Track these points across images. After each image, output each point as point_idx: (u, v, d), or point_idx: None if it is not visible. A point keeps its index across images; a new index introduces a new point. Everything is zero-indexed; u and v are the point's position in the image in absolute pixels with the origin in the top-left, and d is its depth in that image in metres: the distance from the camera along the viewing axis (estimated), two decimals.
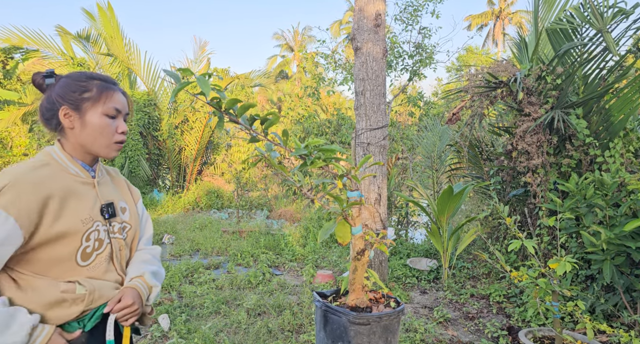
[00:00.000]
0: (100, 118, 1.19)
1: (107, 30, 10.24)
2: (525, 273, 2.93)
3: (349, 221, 1.34)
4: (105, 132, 1.19)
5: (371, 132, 4.24)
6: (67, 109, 1.17)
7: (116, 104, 1.21)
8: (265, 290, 4.37)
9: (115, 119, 1.22)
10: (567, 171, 4.01)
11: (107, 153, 1.22)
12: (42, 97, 1.21)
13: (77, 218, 1.13)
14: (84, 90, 1.18)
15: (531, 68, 3.88)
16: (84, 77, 1.21)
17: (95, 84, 1.20)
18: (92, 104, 1.18)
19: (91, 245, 1.16)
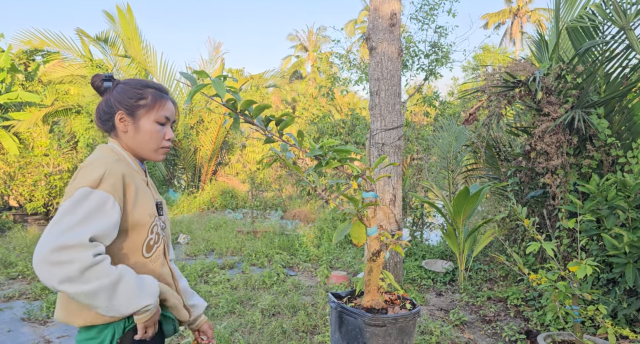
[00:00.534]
0: (152, 125, 1.27)
1: (125, 32, 10.40)
2: (544, 275, 2.86)
3: (364, 222, 1.33)
4: (154, 138, 1.27)
5: (386, 133, 4.21)
6: (123, 114, 1.25)
7: (167, 113, 1.29)
8: (279, 290, 4.38)
9: (164, 126, 1.30)
10: (587, 172, 3.92)
11: (154, 157, 1.30)
12: (101, 100, 1.29)
13: (145, 211, 1.22)
14: (139, 97, 1.26)
15: (550, 67, 3.80)
16: (140, 85, 1.28)
17: (150, 92, 1.28)
18: (146, 111, 1.26)
19: (154, 238, 1.25)
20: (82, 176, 1.11)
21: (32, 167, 8.05)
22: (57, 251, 0.98)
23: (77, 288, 1.00)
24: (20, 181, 7.87)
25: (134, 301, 1.08)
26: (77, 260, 0.99)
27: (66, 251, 0.98)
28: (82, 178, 1.11)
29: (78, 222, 1.03)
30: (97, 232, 1.05)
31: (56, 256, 0.97)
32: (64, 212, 1.04)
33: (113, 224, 1.10)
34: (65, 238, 0.99)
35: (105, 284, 1.03)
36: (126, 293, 1.07)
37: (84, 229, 1.03)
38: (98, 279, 1.02)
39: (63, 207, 1.06)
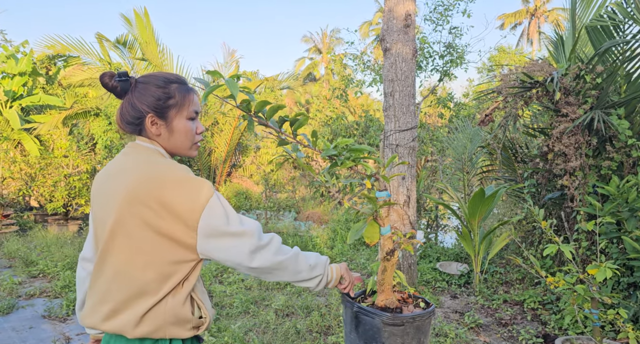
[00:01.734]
0: (185, 123, 1.20)
1: (142, 36, 10.59)
2: (562, 278, 2.82)
3: (378, 221, 1.33)
4: (189, 136, 1.21)
5: (400, 134, 4.20)
6: (154, 117, 1.16)
7: (196, 107, 1.23)
8: (293, 291, 4.39)
9: (194, 121, 1.23)
10: (607, 173, 3.84)
11: (189, 154, 1.25)
12: (123, 102, 1.19)
13: None
14: (168, 97, 1.17)
15: (569, 67, 3.74)
16: (163, 82, 1.18)
17: (175, 88, 1.19)
18: (178, 110, 1.18)
19: None
20: (188, 188, 1.08)
21: (52, 169, 8.24)
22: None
23: (280, 258, 1.20)
24: (40, 182, 8.07)
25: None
26: (272, 239, 1.21)
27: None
28: (192, 190, 1.08)
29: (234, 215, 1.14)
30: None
31: (262, 241, 1.16)
32: (224, 215, 1.10)
33: None
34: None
35: (284, 260, 1.21)
36: (300, 267, 1.26)
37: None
38: (282, 253, 1.22)
39: (209, 215, 1.08)
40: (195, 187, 1.07)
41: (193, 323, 1.12)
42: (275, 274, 1.19)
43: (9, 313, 3.87)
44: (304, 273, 1.24)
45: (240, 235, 1.09)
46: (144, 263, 1.07)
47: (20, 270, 5.13)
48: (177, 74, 1.25)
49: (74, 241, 6.66)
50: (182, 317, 1.10)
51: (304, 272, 1.23)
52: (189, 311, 1.11)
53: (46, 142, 9.38)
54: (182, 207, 1.05)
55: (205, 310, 1.15)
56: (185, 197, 1.06)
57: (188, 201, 1.06)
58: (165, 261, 1.08)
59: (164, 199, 1.05)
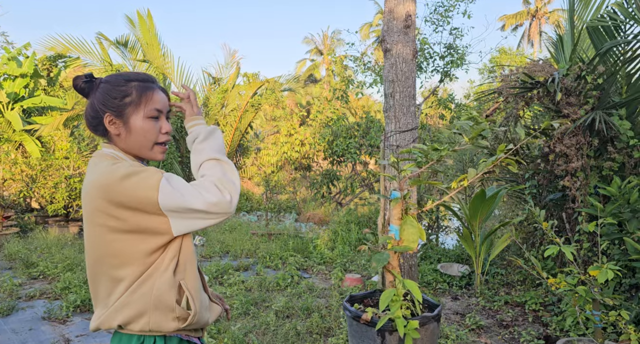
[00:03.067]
0: (144, 122, 1.17)
1: (145, 37, 10.60)
2: (563, 279, 2.80)
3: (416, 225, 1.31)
4: (149, 136, 1.18)
5: (401, 135, 4.19)
6: (111, 116, 1.15)
7: (157, 105, 1.19)
8: (293, 293, 4.38)
9: (158, 120, 1.20)
10: (609, 174, 3.82)
11: (153, 156, 1.22)
12: (87, 103, 1.20)
13: None
14: (124, 94, 1.16)
15: (570, 67, 3.73)
16: (122, 80, 1.18)
17: (134, 86, 1.17)
18: (134, 108, 1.16)
19: None
20: (136, 179, 1.06)
21: (53, 170, 8.25)
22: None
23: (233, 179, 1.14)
24: (41, 184, 8.07)
25: None
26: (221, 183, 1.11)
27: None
28: (137, 182, 1.05)
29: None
30: None
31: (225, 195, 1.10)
32: (179, 193, 1.06)
33: None
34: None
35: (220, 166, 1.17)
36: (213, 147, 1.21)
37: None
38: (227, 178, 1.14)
39: (167, 194, 1.06)
40: (142, 178, 1.06)
41: (177, 313, 1.10)
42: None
43: (8, 314, 3.86)
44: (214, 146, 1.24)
45: (202, 211, 1.07)
46: (120, 262, 1.09)
47: (21, 272, 5.12)
48: (144, 74, 1.24)
49: (74, 242, 6.66)
50: (166, 302, 1.09)
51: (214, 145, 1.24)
52: (174, 297, 1.10)
53: (47, 143, 9.39)
54: (137, 200, 1.04)
55: (194, 304, 1.13)
56: (135, 189, 1.05)
57: (140, 192, 1.05)
58: (142, 254, 1.09)
59: (116, 200, 1.05)
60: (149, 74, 1.27)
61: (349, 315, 1.58)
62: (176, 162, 10.76)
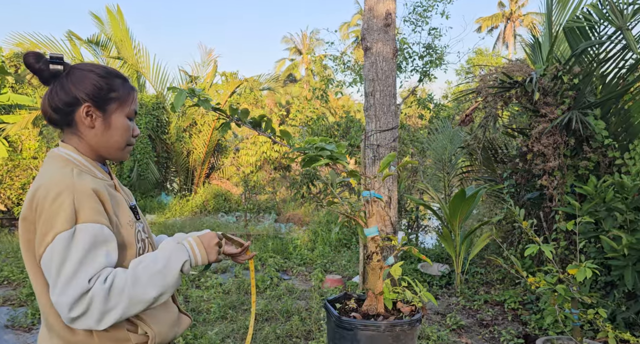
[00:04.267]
0: (124, 120, 1.12)
1: (116, 34, 10.29)
2: (542, 278, 2.81)
3: (359, 222, 1.27)
4: (125, 136, 1.12)
5: (381, 134, 4.15)
6: (91, 107, 1.06)
7: (135, 106, 1.16)
8: (273, 295, 4.29)
9: (132, 122, 1.16)
10: (584, 173, 3.88)
11: (120, 156, 1.15)
12: (52, 87, 1.07)
13: (126, 223, 1.09)
14: (110, 89, 1.09)
15: (547, 68, 3.77)
16: (106, 73, 1.11)
17: (119, 82, 1.12)
18: (119, 105, 1.10)
19: (141, 246, 1.12)
20: (49, 213, 0.94)
21: (20, 171, 7.91)
22: (71, 309, 0.91)
23: (115, 315, 0.93)
24: (8, 185, 7.72)
25: (170, 267, 1.01)
26: (91, 303, 0.91)
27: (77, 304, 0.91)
28: (50, 217, 0.94)
29: (73, 270, 0.92)
30: (98, 269, 0.95)
31: (74, 313, 0.91)
32: (58, 264, 0.92)
33: (114, 250, 1.00)
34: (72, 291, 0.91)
35: (129, 290, 0.95)
36: (151, 273, 0.98)
37: (82, 274, 0.92)
38: (120, 295, 0.94)
39: (48, 257, 0.93)
40: (53, 212, 0.94)
41: (134, 341, 1.02)
42: (134, 305, 0.97)
43: None
44: (160, 279, 1.00)
45: (59, 294, 0.91)
46: (41, 290, 1.01)
47: None
48: (122, 73, 1.18)
49: None
50: (115, 336, 1.00)
51: (159, 279, 1.00)
52: (123, 328, 1.01)
53: (14, 143, 8.99)
54: (37, 234, 0.95)
55: (151, 328, 1.04)
56: (42, 222, 0.95)
57: (40, 227, 0.95)
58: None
59: (32, 217, 0.97)
60: (123, 73, 1.20)
61: (333, 318, 1.50)
62: (152, 162, 10.49)
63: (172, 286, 1.02)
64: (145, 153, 10.21)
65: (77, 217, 0.95)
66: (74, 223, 0.94)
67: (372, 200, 1.23)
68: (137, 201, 8.03)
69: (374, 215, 1.25)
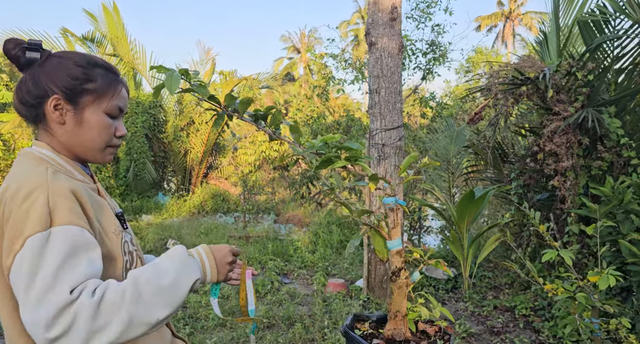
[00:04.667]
0: (101, 117, 0.96)
1: (112, 31, 10.10)
2: (560, 286, 2.66)
3: (382, 234, 1.10)
4: (102, 135, 0.97)
5: (386, 133, 3.99)
6: (60, 100, 0.92)
7: (120, 102, 1.00)
8: (274, 300, 4.13)
9: (115, 120, 1.00)
10: (597, 174, 3.73)
11: (99, 158, 0.99)
12: (23, 76, 0.95)
13: (111, 232, 0.94)
14: (86, 78, 0.94)
15: (560, 64, 3.62)
16: (85, 62, 0.96)
17: (99, 73, 0.97)
18: (95, 98, 0.95)
19: (128, 259, 0.98)
20: (18, 215, 0.79)
21: None
22: (48, 326, 0.72)
23: (107, 337, 0.75)
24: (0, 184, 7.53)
25: (176, 288, 0.84)
26: (75, 319, 0.73)
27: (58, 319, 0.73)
28: (20, 219, 0.79)
29: (51, 280, 0.74)
30: (80, 280, 0.77)
31: (52, 333, 0.72)
32: (29, 273, 0.75)
33: (98, 258, 0.83)
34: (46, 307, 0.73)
35: (128, 307, 0.77)
36: (157, 289, 0.81)
37: (61, 284, 0.75)
38: (114, 312, 0.76)
39: (17, 267, 0.76)
40: (22, 213, 0.79)
41: None
42: (134, 327, 0.79)
43: None
44: (169, 297, 0.83)
45: (31, 304, 0.74)
46: (6, 310, 0.85)
47: None
48: (110, 64, 1.02)
49: None
50: None
51: (168, 297, 0.83)
52: None
53: (8, 141, 8.80)
54: (4, 241, 0.80)
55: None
56: (10, 226, 0.80)
57: (8, 233, 0.80)
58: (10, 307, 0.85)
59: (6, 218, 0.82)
60: (114, 65, 1.05)
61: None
62: (149, 161, 10.30)
63: (179, 306, 0.85)
64: (142, 152, 10.02)
65: (52, 219, 0.80)
66: (48, 225, 0.79)
67: (397, 208, 1.07)
68: (133, 202, 7.70)
69: (398, 225, 1.08)
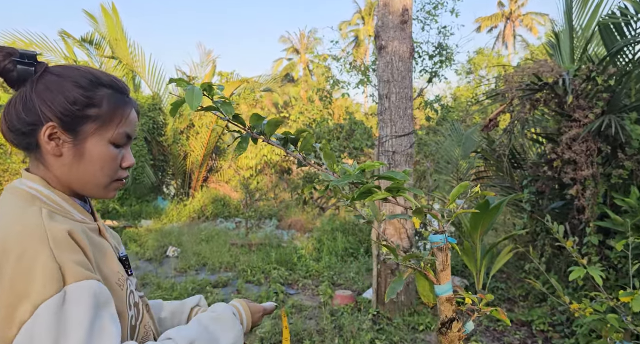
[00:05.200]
0: (106, 148, 0.79)
1: (111, 33, 9.94)
2: (589, 306, 2.50)
3: (429, 277, 0.95)
4: (107, 168, 0.80)
5: (397, 140, 3.84)
6: (56, 128, 0.75)
7: (129, 129, 0.82)
8: (280, 314, 3.96)
9: (122, 149, 0.83)
10: (617, 183, 3.58)
11: (103, 195, 0.83)
12: (14, 96, 0.78)
13: (114, 282, 0.78)
14: (88, 103, 0.77)
15: (579, 68, 3.47)
16: (87, 81, 0.78)
17: (105, 95, 0.79)
18: (99, 127, 0.78)
19: (134, 314, 0.82)
20: (16, 276, 0.63)
21: (9, 175, 7.54)
22: None
23: None
24: None
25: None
26: None
27: None
28: (20, 280, 0.63)
29: None
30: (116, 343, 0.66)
31: None
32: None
33: (117, 316, 0.71)
34: None
35: None
36: None
37: None
38: None
39: (27, 340, 0.61)
40: (23, 272, 0.63)
41: None
42: None
43: None
44: None
45: None
46: None
47: None
48: (118, 80, 0.83)
49: None
50: None
51: None
52: None
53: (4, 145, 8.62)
54: (9, 296, 0.63)
55: None
56: (5, 290, 0.63)
57: (3, 298, 0.63)
58: None
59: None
60: (124, 82, 0.86)
61: None
62: (148, 165, 10.13)
63: None
64: (141, 156, 9.85)
65: (65, 276, 0.65)
66: (62, 285, 0.64)
67: (446, 247, 0.91)
68: (132, 206, 7.49)
69: (448, 267, 0.92)
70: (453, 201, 0.98)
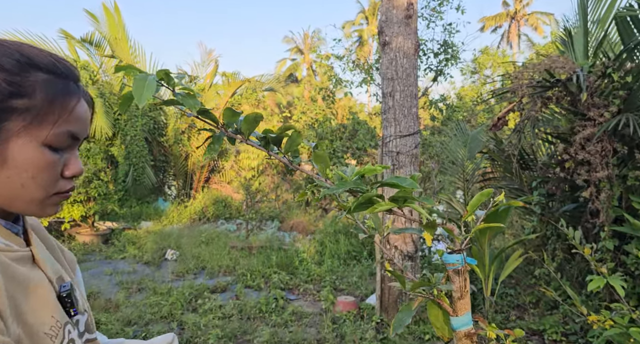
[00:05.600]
0: (37, 151, 0.59)
1: (112, 32, 9.84)
2: (609, 317, 2.34)
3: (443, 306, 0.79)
4: (40, 178, 0.60)
5: (401, 140, 3.68)
6: None
7: (74, 126, 0.62)
8: (279, 321, 3.81)
9: (63, 153, 0.62)
10: (633, 184, 3.40)
11: (38, 212, 0.63)
12: None
13: (41, 331, 0.59)
14: (12, 91, 0.56)
15: (594, 64, 3.29)
16: (13, 62, 0.57)
17: (39, 81, 0.58)
18: (28, 124, 0.58)
19: None
20: None
21: None
22: None
23: None
24: None
25: None
26: None
27: None
28: None
29: None
30: None
31: None
32: None
33: None
34: None
35: None
36: None
37: None
38: None
39: None
40: None
41: None
42: None
43: None
44: None
45: None
46: None
47: None
48: (60, 59, 0.63)
49: None
50: None
51: None
52: None
53: None
54: None
55: None
56: None
57: None
58: None
59: None
60: (69, 62, 0.64)
61: None
62: (148, 166, 10.01)
63: None
64: (142, 157, 9.72)
65: None
66: None
67: (464, 269, 0.75)
68: (132, 208, 7.30)
69: (467, 294, 0.76)
70: (472, 212, 0.82)
